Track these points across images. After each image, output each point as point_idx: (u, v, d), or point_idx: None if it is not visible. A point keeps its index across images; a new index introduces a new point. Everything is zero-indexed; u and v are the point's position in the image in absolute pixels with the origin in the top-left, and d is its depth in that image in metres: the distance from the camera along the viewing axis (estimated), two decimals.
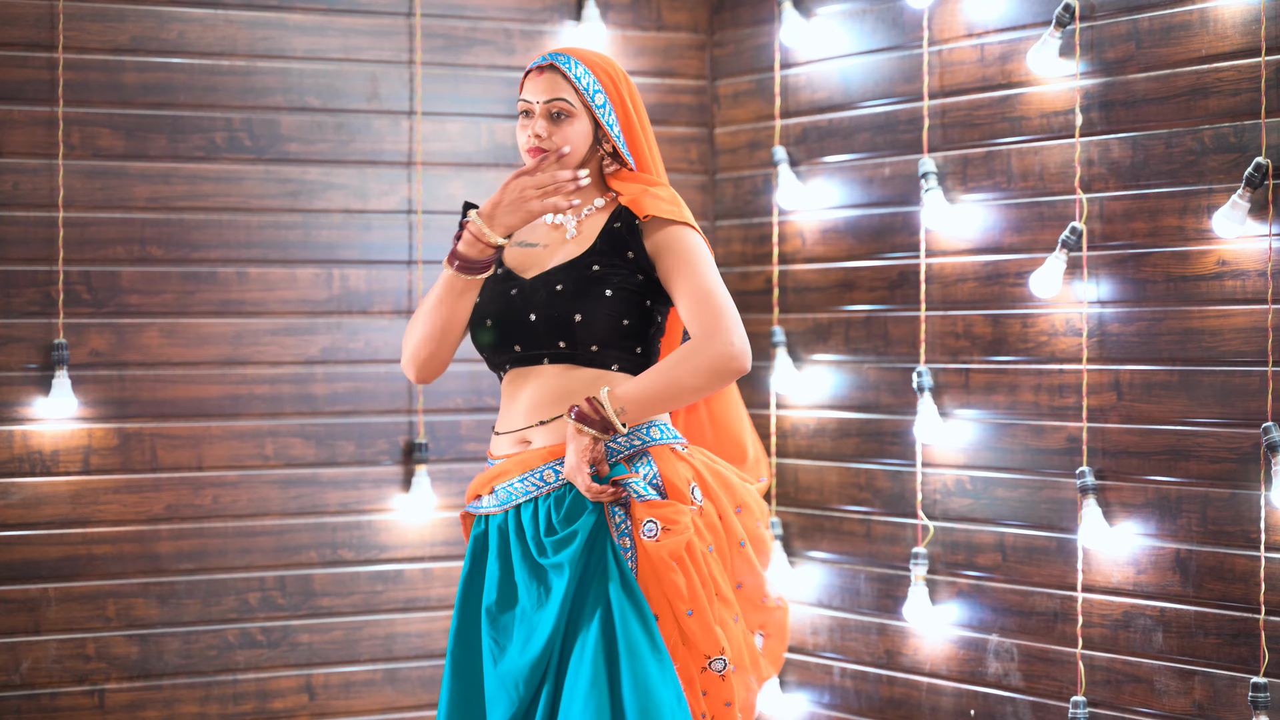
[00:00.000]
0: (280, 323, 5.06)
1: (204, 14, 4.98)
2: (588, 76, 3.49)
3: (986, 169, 4.74)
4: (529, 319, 3.45)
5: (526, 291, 3.47)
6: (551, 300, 3.44)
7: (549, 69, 3.49)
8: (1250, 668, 4.18)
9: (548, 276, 3.47)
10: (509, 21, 5.32)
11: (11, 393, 4.78)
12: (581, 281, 3.44)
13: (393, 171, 5.18)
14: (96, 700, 4.86)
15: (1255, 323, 4.16)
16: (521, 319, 3.45)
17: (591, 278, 3.44)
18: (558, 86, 3.48)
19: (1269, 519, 4.13)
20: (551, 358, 3.46)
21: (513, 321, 3.46)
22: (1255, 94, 4.13)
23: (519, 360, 3.48)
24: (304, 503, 5.07)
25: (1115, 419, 4.44)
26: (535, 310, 3.45)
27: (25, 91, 4.80)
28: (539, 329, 3.45)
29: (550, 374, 3.46)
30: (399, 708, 5.16)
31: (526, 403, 3.47)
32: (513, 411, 3.50)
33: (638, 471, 3.41)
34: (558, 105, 3.47)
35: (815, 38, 5.19)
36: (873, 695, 5.06)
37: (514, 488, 3.46)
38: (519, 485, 3.46)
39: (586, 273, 3.45)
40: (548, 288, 3.46)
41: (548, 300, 3.45)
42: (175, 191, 4.95)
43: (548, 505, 3.43)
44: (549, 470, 3.44)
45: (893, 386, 4.99)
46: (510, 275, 3.52)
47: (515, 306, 3.46)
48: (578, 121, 3.48)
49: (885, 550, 5.02)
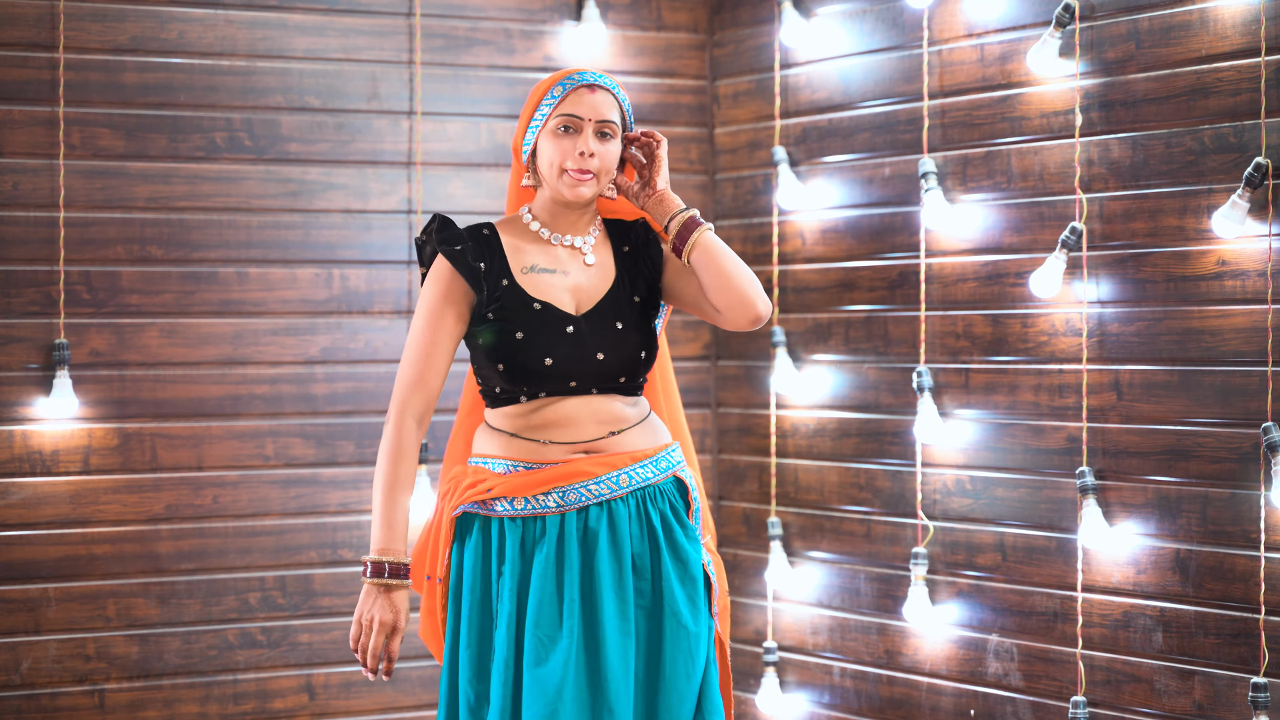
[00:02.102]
0: (280, 323, 5.06)
1: (204, 14, 4.98)
2: (627, 105, 3.53)
3: (986, 169, 4.74)
4: (597, 358, 3.45)
5: (585, 331, 3.46)
6: (618, 340, 3.47)
7: (602, 89, 3.48)
8: (1250, 668, 4.18)
9: (600, 313, 3.48)
10: (509, 21, 5.32)
11: (12, 393, 4.79)
12: (634, 316, 3.49)
13: (393, 171, 5.18)
14: (96, 700, 4.87)
15: (1255, 323, 4.16)
16: (587, 357, 3.45)
17: (638, 310, 3.50)
18: (610, 107, 3.47)
19: (1269, 519, 4.13)
20: (601, 389, 3.48)
21: (577, 360, 3.44)
22: (1255, 94, 4.13)
23: (565, 391, 3.47)
24: (304, 503, 5.08)
25: (1115, 419, 4.45)
26: (604, 350, 3.45)
27: (25, 91, 4.80)
28: (608, 367, 3.47)
29: (599, 401, 3.49)
30: (399, 708, 5.16)
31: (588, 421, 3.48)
32: (569, 427, 3.47)
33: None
34: (609, 126, 3.47)
35: (815, 38, 5.19)
36: (873, 695, 5.06)
37: (589, 489, 3.46)
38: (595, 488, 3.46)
39: (632, 304, 3.50)
40: (607, 325, 3.47)
41: (615, 340, 3.47)
42: (175, 191, 4.95)
43: (642, 500, 3.49)
44: (630, 472, 3.48)
45: (893, 386, 5.00)
46: (554, 310, 3.47)
47: (579, 346, 3.45)
48: (615, 144, 3.49)
49: (885, 550, 5.02)
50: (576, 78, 3.47)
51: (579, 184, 3.44)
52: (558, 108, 3.45)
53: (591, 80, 3.47)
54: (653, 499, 3.49)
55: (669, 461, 3.52)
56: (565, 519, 3.45)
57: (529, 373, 3.44)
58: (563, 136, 3.44)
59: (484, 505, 3.49)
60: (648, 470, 3.48)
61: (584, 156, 3.42)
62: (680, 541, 3.49)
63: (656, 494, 3.49)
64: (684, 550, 3.49)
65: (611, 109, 3.47)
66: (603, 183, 3.46)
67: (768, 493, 5.32)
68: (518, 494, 3.46)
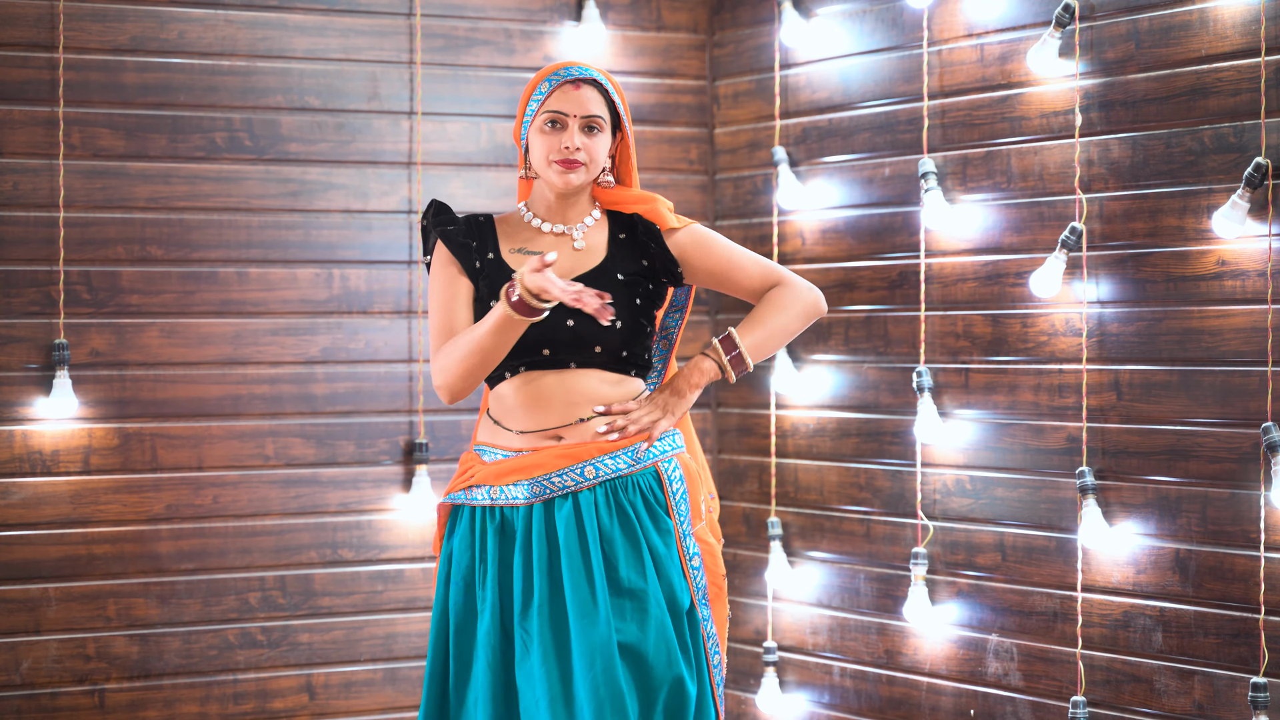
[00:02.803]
0: (280, 323, 5.06)
1: (204, 14, 4.98)
2: (616, 97, 3.56)
3: (986, 169, 4.74)
4: (567, 324, 3.48)
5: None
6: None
7: (587, 84, 3.53)
8: (1250, 668, 4.18)
9: (580, 282, 3.49)
10: (509, 21, 5.32)
11: (12, 393, 4.79)
12: (616, 291, 3.51)
13: (393, 171, 5.18)
14: (96, 700, 4.87)
15: (1255, 323, 4.16)
16: (558, 324, 3.47)
17: (620, 285, 3.53)
18: (595, 102, 3.53)
19: (1269, 519, 4.13)
20: (579, 362, 3.51)
21: (548, 327, 3.47)
22: (1255, 94, 4.13)
23: (542, 363, 3.50)
24: (304, 503, 5.08)
25: (1115, 419, 4.45)
26: (574, 317, 3.48)
27: (25, 91, 4.80)
28: (578, 335, 3.48)
29: (576, 377, 3.51)
30: (399, 708, 5.16)
31: (561, 400, 3.50)
32: (540, 409, 3.50)
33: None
34: (595, 121, 3.52)
35: (815, 38, 5.20)
36: (872, 695, 5.06)
37: (552, 482, 3.48)
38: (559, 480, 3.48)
39: (615, 280, 3.53)
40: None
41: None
42: (175, 191, 4.95)
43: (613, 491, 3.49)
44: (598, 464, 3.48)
45: (892, 386, 5.00)
46: None
47: (552, 313, 3.46)
48: (603, 137, 3.54)
49: (885, 550, 5.02)
50: (562, 73, 3.53)
51: (567, 172, 3.50)
52: (544, 104, 3.53)
53: (577, 75, 3.52)
54: (624, 489, 3.50)
55: (650, 451, 3.52)
56: (533, 510, 3.49)
57: None
58: (549, 133, 3.52)
59: (467, 494, 3.55)
60: (618, 461, 3.50)
61: (569, 151, 3.50)
62: (651, 535, 3.49)
63: (629, 485, 3.50)
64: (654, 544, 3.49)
65: (597, 104, 3.52)
66: (592, 171, 3.53)
67: (768, 493, 5.32)
68: (490, 483, 3.52)
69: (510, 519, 3.51)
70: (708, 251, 3.61)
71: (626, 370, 3.54)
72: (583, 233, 3.58)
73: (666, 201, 3.64)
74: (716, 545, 3.60)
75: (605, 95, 3.54)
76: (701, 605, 3.53)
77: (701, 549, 3.55)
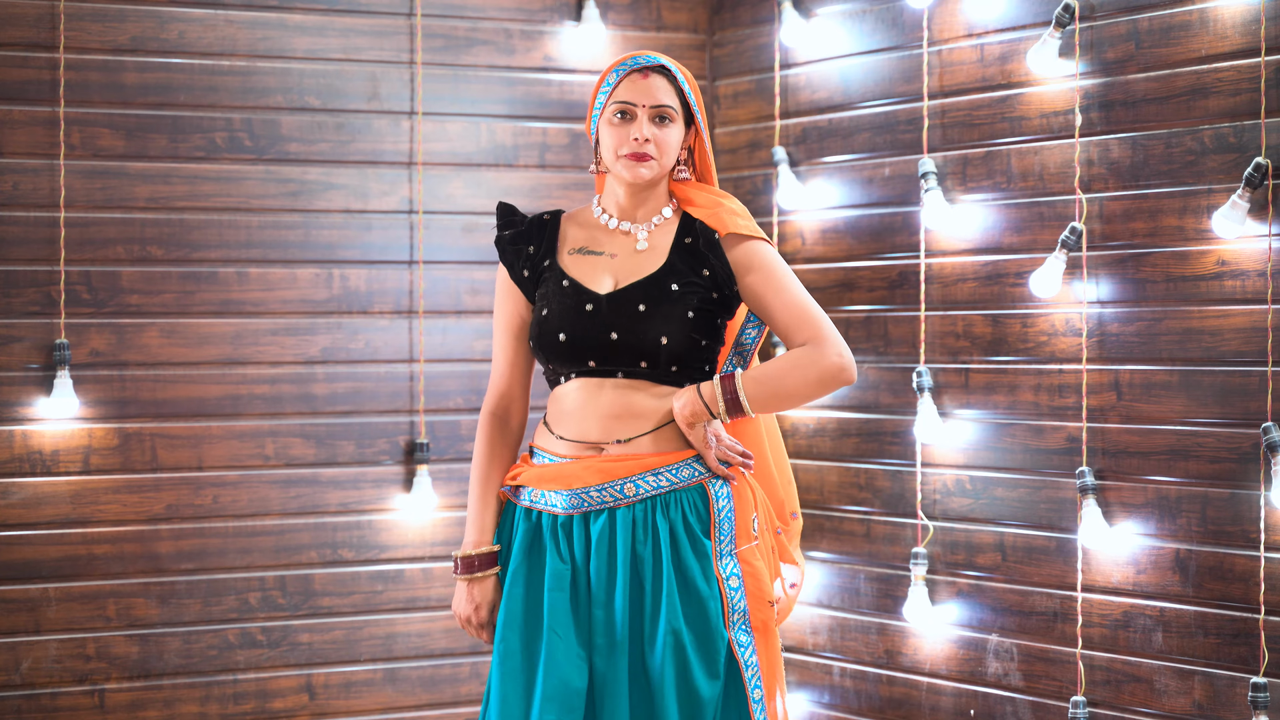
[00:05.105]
0: (280, 323, 5.06)
1: (204, 14, 4.98)
2: (687, 86, 3.46)
3: (986, 169, 4.74)
4: (609, 338, 3.39)
5: (605, 310, 3.41)
6: (635, 321, 3.39)
7: (656, 71, 3.44)
8: (1250, 668, 4.18)
9: (627, 294, 3.41)
10: (509, 21, 5.32)
11: (12, 393, 4.79)
12: (663, 302, 3.40)
13: (393, 171, 5.18)
14: (96, 700, 4.87)
15: (1255, 323, 4.16)
16: (601, 337, 3.39)
17: (673, 298, 3.40)
18: (665, 91, 3.44)
19: (1269, 519, 4.13)
20: (626, 374, 3.41)
21: (591, 339, 3.39)
22: (1255, 94, 4.13)
23: (589, 373, 3.42)
24: (304, 503, 5.08)
25: (1115, 419, 4.45)
26: (618, 330, 3.39)
27: (26, 91, 4.80)
28: (621, 348, 3.40)
29: (623, 388, 3.42)
30: (399, 708, 5.16)
31: (604, 412, 3.42)
32: (585, 418, 3.43)
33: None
34: (665, 110, 3.43)
35: (815, 38, 5.20)
36: (872, 695, 5.06)
37: (590, 495, 3.40)
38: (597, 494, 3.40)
39: (668, 292, 3.41)
40: (629, 307, 3.40)
41: (631, 321, 3.39)
42: (175, 191, 4.95)
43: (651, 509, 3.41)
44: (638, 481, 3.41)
45: (893, 386, 5.00)
46: (580, 289, 3.44)
47: (594, 324, 3.40)
48: (675, 127, 3.45)
49: (885, 550, 5.02)
50: (629, 62, 3.44)
51: (637, 165, 3.41)
52: (613, 95, 3.43)
53: (645, 63, 3.44)
54: (665, 508, 3.40)
55: (693, 469, 3.42)
56: (572, 522, 3.42)
57: (551, 349, 3.43)
58: (619, 124, 3.42)
59: (515, 493, 3.50)
60: (661, 479, 3.40)
61: (639, 142, 3.40)
62: (685, 554, 3.39)
63: (671, 501, 3.40)
64: (687, 563, 3.39)
65: (666, 93, 3.43)
66: (664, 164, 3.42)
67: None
68: (533, 485, 3.46)
69: (549, 526, 3.43)
70: (754, 275, 3.43)
71: (680, 383, 3.43)
72: (648, 232, 3.46)
73: (736, 205, 3.49)
74: (765, 570, 3.44)
75: (675, 85, 3.44)
76: (738, 630, 3.40)
77: (743, 570, 3.41)
